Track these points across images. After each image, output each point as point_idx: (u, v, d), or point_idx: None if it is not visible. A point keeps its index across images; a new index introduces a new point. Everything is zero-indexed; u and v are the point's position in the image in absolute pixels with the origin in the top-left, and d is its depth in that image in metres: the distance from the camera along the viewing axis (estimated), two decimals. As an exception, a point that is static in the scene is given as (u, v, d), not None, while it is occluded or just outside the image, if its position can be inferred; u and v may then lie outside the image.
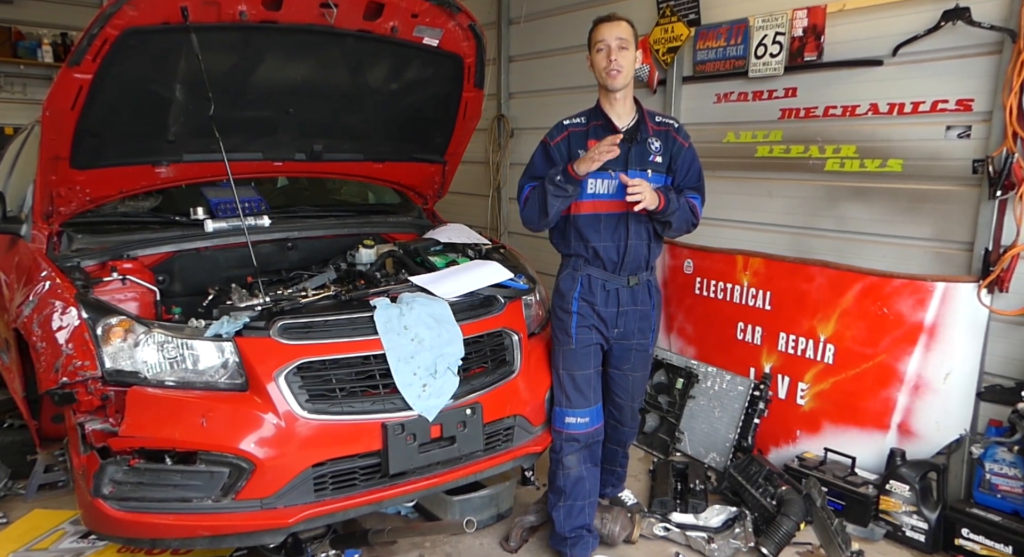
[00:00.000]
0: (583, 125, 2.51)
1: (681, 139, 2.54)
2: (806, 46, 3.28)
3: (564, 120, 2.55)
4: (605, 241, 2.49)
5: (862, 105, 3.15)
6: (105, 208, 2.78)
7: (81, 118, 2.30)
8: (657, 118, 2.55)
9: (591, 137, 2.45)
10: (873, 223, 3.15)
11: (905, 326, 2.88)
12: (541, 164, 2.54)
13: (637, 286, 2.57)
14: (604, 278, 2.53)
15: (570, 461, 2.59)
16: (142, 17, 2.15)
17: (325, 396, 2.19)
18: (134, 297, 2.41)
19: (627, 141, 2.43)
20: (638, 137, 2.47)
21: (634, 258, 2.51)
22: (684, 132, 2.58)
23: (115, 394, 2.06)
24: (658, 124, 2.53)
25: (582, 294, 2.54)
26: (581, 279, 2.54)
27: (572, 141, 2.50)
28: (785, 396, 3.24)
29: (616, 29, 2.39)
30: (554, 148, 2.51)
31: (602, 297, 2.54)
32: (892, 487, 2.75)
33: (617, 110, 2.47)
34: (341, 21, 2.50)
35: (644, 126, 2.49)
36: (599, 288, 2.53)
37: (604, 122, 2.48)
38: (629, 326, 2.59)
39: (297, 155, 3.00)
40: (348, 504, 2.21)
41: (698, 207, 2.57)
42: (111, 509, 2.02)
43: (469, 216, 5.39)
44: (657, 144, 2.49)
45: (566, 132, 2.51)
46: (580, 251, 2.54)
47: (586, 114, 2.53)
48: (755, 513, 2.80)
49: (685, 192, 2.54)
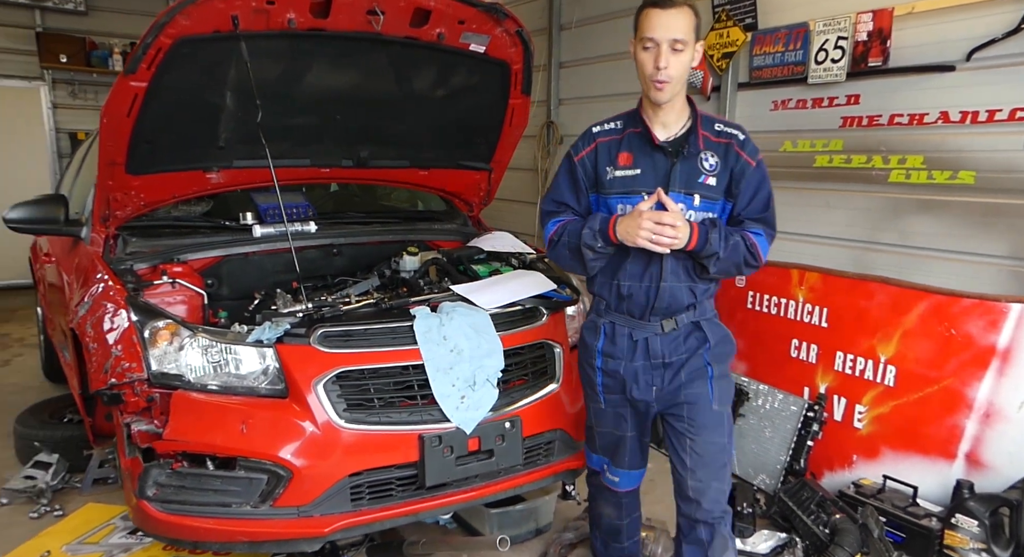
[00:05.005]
0: (618, 132, 2.00)
1: (746, 156, 1.95)
2: (871, 51, 3.14)
3: (594, 126, 2.05)
4: (632, 280, 1.98)
5: (931, 113, 2.99)
6: (159, 212, 2.85)
7: (136, 125, 2.35)
8: (716, 126, 1.98)
9: (624, 149, 1.97)
10: (941, 238, 2.99)
11: (975, 349, 2.70)
12: (565, 185, 2.07)
13: (675, 331, 2.00)
14: (630, 326, 2.02)
15: (605, 509, 2.30)
16: (194, 26, 2.19)
17: (363, 406, 2.18)
18: (183, 300, 2.44)
19: (670, 154, 1.94)
20: (685, 150, 1.93)
21: (669, 303, 1.97)
22: (752, 147, 1.97)
23: (160, 396, 2.09)
24: (717, 135, 1.96)
25: (605, 348, 2.06)
26: (604, 328, 2.06)
27: (600, 155, 2.00)
28: (841, 418, 3.09)
29: (673, 23, 1.82)
30: (579, 165, 2.03)
31: (627, 349, 2.02)
32: (958, 521, 2.57)
33: (662, 118, 1.95)
34: (388, 28, 2.50)
35: (695, 137, 1.95)
36: (625, 339, 2.02)
37: (643, 131, 1.97)
38: (671, 379, 2.02)
39: (344, 162, 3.02)
40: (384, 515, 2.19)
41: (760, 246, 1.96)
42: (155, 510, 2.06)
43: (517, 223, 5.37)
44: (712, 161, 1.94)
45: (593, 144, 2.02)
46: (603, 291, 2.05)
47: (624, 117, 2.03)
48: (806, 541, 2.68)
49: (746, 224, 1.98)
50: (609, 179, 1.98)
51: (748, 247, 1.94)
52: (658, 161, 1.94)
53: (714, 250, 1.88)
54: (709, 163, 1.95)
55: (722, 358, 2.06)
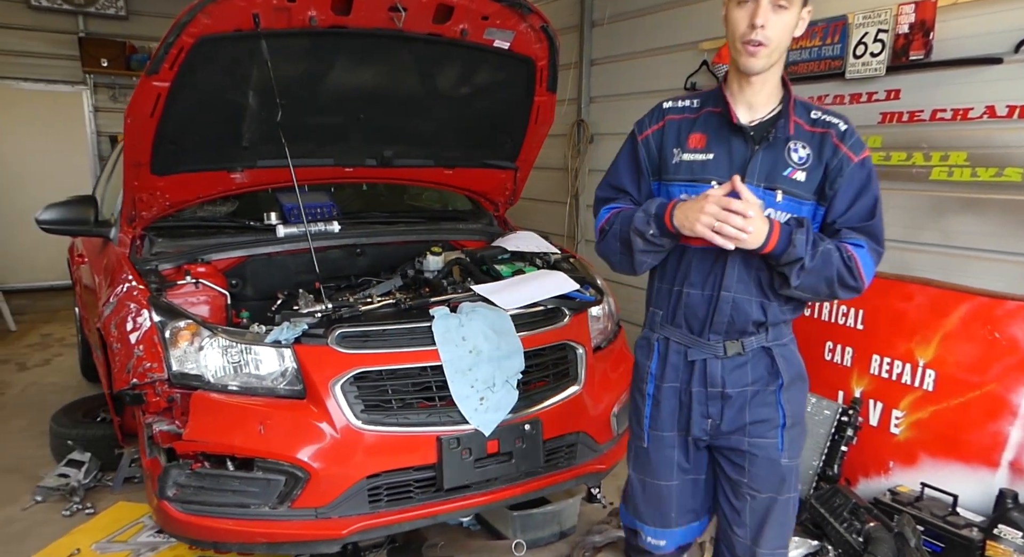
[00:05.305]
0: (693, 110, 1.70)
1: (846, 149, 1.61)
2: (912, 44, 3.02)
3: (665, 101, 1.75)
4: (692, 286, 1.67)
5: (976, 108, 2.86)
6: (185, 213, 2.87)
7: (160, 125, 2.36)
8: (813, 113, 1.65)
9: (698, 129, 1.67)
10: (985, 238, 2.85)
11: (1020, 353, 2.58)
12: (624, 168, 1.78)
13: (740, 357, 1.67)
14: (685, 343, 1.70)
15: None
16: (215, 24, 2.19)
17: (380, 407, 2.16)
18: (206, 300, 2.46)
19: (751, 140, 1.62)
20: (771, 136, 1.61)
21: (732, 318, 1.65)
22: (856, 139, 1.63)
23: (180, 396, 2.10)
24: (812, 123, 1.64)
25: (658, 370, 1.75)
26: (658, 345, 1.75)
27: (668, 134, 1.70)
28: (877, 423, 2.98)
29: None
30: (642, 145, 1.73)
31: (681, 370, 1.71)
32: (1001, 532, 2.46)
33: (750, 97, 1.62)
34: (410, 24, 2.47)
35: (786, 121, 1.62)
36: (680, 360, 1.71)
37: (723, 110, 1.65)
38: (731, 417, 1.69)
39: (368, 161, 3.01)
40: (403, 517, 2.17)
41: (862, 261, 1.57)
42: (175, 511, 2.06)
43: (546, 223, 5.32)
44: (803, 153, 1.61)
45: (662, 121, 1.71)
46: (660, 300, 1.75)
47: (704, 95, 1.72)
48: (838, 549, 2.59)
49: (843, 235, 1.61)
50: (675, 163, 1.68)
51: (844, 260, 1.56)
52: (736, 147, 1.62)
53: (797, 255, 1.51)
54: (799, 155, 1.61)
55: (797, 401, 1.73)
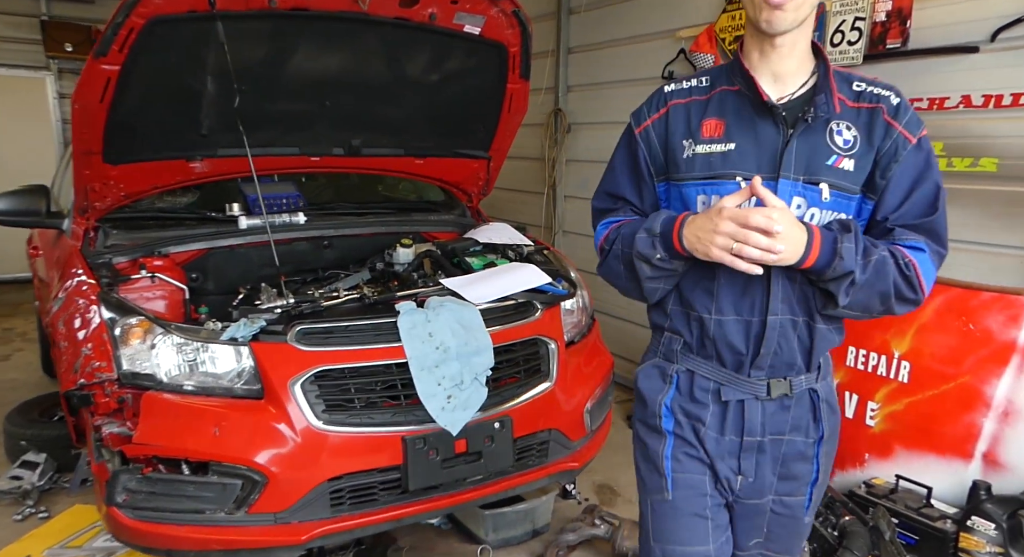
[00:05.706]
0: (702, 91, 1.39)
1: (902, 128, 1.30)
2: (889, 32, 2.98)
3: (667, 86, 1.44)
4: (724, 312, 1.35)
5: (952, 97, 2.83)
6: (142, 203, 2.75)
7: (111, 111, 2.24)
8: (856, 85, 1.34)
9: (712, 113, 1.35)
10: (959, 228, 2.80)
11: (994, 345, 2.57)
12: (622, 171, 1.47)
13: (787, 399, 1.38)
14: (719, 379, 1.38)
15: None
16: (168, 5, 2.07)
17: (343, 407, 2.07)
18: (162, 296, 2.34)
19: (784, 122, 1.30)
20: (809, 116, 1.29)
21: (778, 348, 1.34)
22: (912, 116, 1.32)
23: (131, 397, 2.00)
24: (856, 97, 1.33)
25: (675, 404, 1.43)
26: (677, 378, 1.43)
27: (673, 123, 1.38)
28: (853, 415, 2.96)
29: None
30: (640, 140, 1.42)
31: (714, 414, 1.40)
32: (975, 524, 2.46)
33: (775, 66, 1.32)
34: (375, 8, 2.38)
35: (828, 97, 1.30)
36: (710, 398, 1.40)
37: (744, 86, 1.33)
38: (765, 472, 1.41)
39: (335, 150, 2.90)
40: (367, 521, 2.10)
41: (922, 267, 1.29)
42: (126, 517, 1.97)
43: (524, 214, 5.23)
44: (849, 135, 1.30)
45: (664, 108, 1.40)
46: (678, 325, 1.42)
47: (714, 72, 1.41)
48: (813, 544, 2.56)
49: (897, 234, 1.31)
50: (686, 158, 1.36)
51: (902, 268, 1.27)
52: (764, 132, 1.31)
53: (846, 269, 1.22)
54: (843, 138, 1.30)
55: (832, 456, 1.47)
